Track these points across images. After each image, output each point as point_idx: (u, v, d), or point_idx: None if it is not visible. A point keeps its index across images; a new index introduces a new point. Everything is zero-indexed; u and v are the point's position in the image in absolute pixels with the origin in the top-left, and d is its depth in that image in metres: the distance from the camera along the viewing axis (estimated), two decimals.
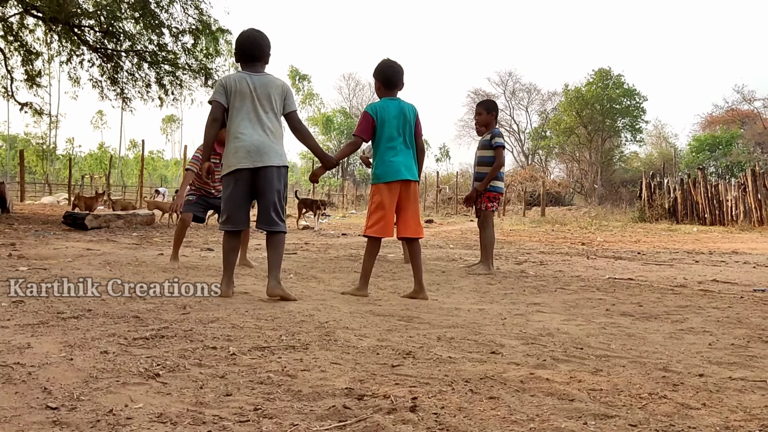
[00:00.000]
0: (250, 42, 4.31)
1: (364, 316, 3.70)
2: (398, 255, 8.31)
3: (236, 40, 4.38)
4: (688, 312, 4.29)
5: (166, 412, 1.85)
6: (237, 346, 2.75)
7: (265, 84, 4.24)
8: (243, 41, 4.32)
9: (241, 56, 4.33)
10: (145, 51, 16.70)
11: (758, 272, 7.45)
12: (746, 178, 22.21)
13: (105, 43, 16.68)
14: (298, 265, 6.68)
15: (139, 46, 16.72)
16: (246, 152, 4.16)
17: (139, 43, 16.69)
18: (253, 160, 4.15)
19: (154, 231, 11.70)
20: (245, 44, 4.31)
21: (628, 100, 44.77)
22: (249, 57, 4.31)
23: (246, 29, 4.39)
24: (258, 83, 4.22)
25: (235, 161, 4.19)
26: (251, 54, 4.31)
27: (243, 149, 4.16)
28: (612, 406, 2.08)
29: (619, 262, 8.45)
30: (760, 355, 2.98)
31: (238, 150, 4.18)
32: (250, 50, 4.30)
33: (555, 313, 4.11)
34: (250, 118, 4.21)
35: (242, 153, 4.16)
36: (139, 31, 16.54)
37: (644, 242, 13.43)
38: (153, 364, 2.36)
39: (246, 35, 4.34)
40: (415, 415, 1.91)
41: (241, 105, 4.22)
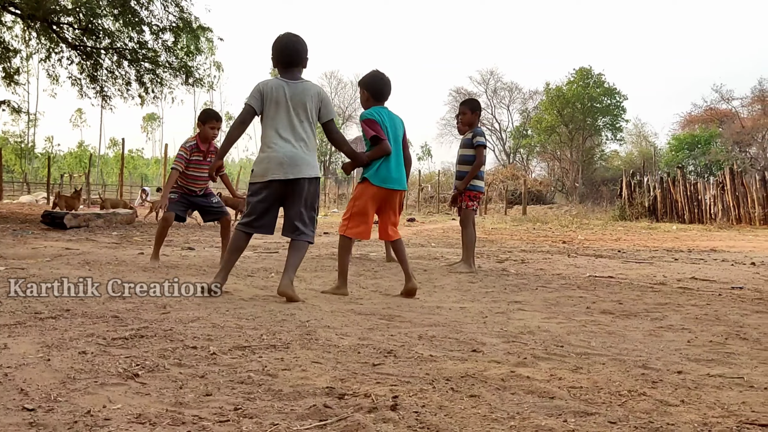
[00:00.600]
0: (287, 47, 4.28)
1: (346, 314, 3.69)
2: (380, 254, 8.30)
3: (273, 46, 4.33)
4: (667, 309, 4.32)
5: (145, 413, 1.83)
6: (217, 345, 2.73)
7: (301, 92, 4.22)
8: (281, 47, 4.29)
9: (279, 62, 4.30)
10: (124, 49, 16.55)
11: (736, 270, 7.53)
12: (724, 176, 22.50)
13: (84, 41, 16.52)
14: (279, 263, 6.65)
15: (118, 44, 16.56)
16: (278, 164, 4.13)
17: (119, 40, 16.54)
18: (285, 171, 4.14)
19: (135, 230, 11.61)
20: (283, 50, 4.28)
21: (609, 99, 45.10)
22: (287, 63, 4.28)
23: (282, 34, 4.36)
24: (294, 92, 4.20)
25: (266, 172, 4.17)
26: (289, 60, 4.28)
27: (275, 160, 4.14)
28: (592, 403, 2.09)
29: (599, 260, 8.51)
30: (738, 352, 3.01)
31: (271, 161, 4.16)
32: (288, 56, 4.27)
33: (536, 311, 4.12)
34: (284, 128, 4.18)
35: (275, 164, 4.14)
36: (118, 28, 16.40)
37: (624, 240, 13.54)
38: (132, 365, 2.34)
39: (284, 40, 4.30)
40: (395, 413, 1.91)
41: (276, 114, 4.19)
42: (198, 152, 6.24)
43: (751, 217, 21.25)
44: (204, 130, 6.25)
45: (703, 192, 23.24)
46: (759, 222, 20.95)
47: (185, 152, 6.18)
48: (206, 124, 6.25)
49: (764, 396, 2.23)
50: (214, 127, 6.30)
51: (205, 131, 6.25)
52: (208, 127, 6.25)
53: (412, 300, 4.47)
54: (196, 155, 6.23)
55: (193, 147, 6.23)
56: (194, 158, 6.23)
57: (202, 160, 6.29)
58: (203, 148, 6.26)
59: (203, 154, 6.28)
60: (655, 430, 1.85)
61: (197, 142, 6.26)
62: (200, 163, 6.27)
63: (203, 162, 6.29)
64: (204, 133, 6.26)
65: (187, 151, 6.19)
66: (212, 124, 6.27)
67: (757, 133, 40.16)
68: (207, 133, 6.26)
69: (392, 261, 6.97)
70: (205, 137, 6.28)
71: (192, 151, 6.22)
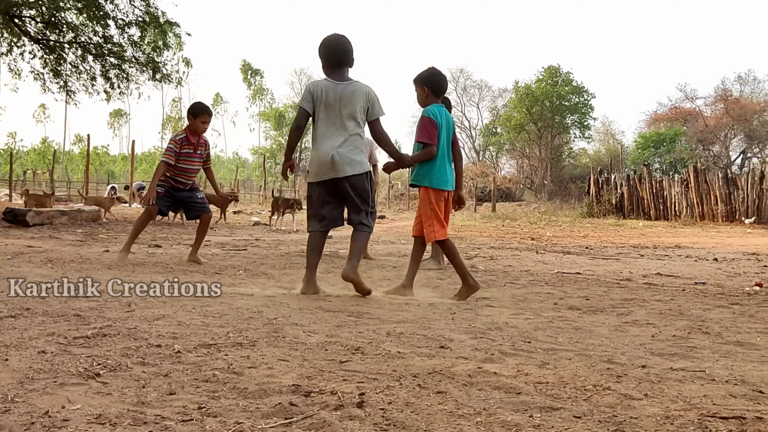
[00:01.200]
0: (337, 48, 4.36)
1: (314, 312, 3.67)
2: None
3: (322, 47, 4.40)
4: (633, 305, 4.38)
5: (106, 413, 1.79)
6: (182, 343, 2.69)
7: (351, 93, 4.31)
8: (330, 48, 4.37)
9: (328, 63, 4.38)
10: (89, 43, 16.27)
11: (699, 265, 7.66)
12: (689, 174, 22.90)
13: (47, 35, 16.20)
14: (248, 261, 6.60)
15: (83, 38, 16.27)
16: (330, 164, 4.29)
17: (83, 34, 16.25)
18: (335, 171, 4.30)
19: (100, 227, 11.43)
20: (333, 51, 4.36)
21: (577, 98, 45.53)
22: (336, 63, 4.36)
23: (330, 35, 4.42)
24: (344, 93, 4.29)
25: (318, 171, 4.36)
26: (338, 60, 4.36)
27: (326, 162, 4.29)
28: (557, 398, 2.11)
29: (567, 256, 8.59)
30: (700, 346, 3.06)
31: (322, 162, 4.32)
32: (337, 57, 4.35)
33: (504, 307, 4.14)
34: (334, 129, 4.31)
35: (326, 165, 4.30)
36: (82, 22, 16.11)
37: (592, 237, 13.70)
38: (93, 364, 2.29)
39: (332, 41, 4.38)
40: (362, 410, 1.89)
41: (326, 115, 4.31)
42: (188, 145, 6.22)
43: (714, 214, 21.67)
44: (195, 124, 6.24)
45: (668, 189, 23.63)
46: (721, 219, 21.37)
47: (175, 145, 6.15)
48: (197, 118, 6.23)
49: (725, 389, 2.26)
50: (205, 121, 6.30)
51: (196, 125, 6.24)
52: (199, 121, 6.24)
53: (381, 296, 4.46)
54: (186, 148, 6.21)
55: (183, 140, 6.20)
56: (184, 151, 6.21)
57: (192, 153, 6.27)
58: (193, 140, 6.25)
59: (193, 146, 6.26)
60: (619, 423, 1.86)
61: (187, 134, 6.23)
62: (190, 156, 6.26)
63: (193, 155, 6.27)
64: (195, 126, 6.25)
65: (178, 144, 6.16)
66: (203, 118, 6.27)
67: (719, 132, 40.93)
68: (198, 126, 6.25)
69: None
70: (195, 130, 6.27)
71: (182, 144, 6.19)
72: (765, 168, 22.08)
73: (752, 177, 21.50)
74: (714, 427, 1.85)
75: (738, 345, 3.12)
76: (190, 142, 6.20)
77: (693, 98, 43.25)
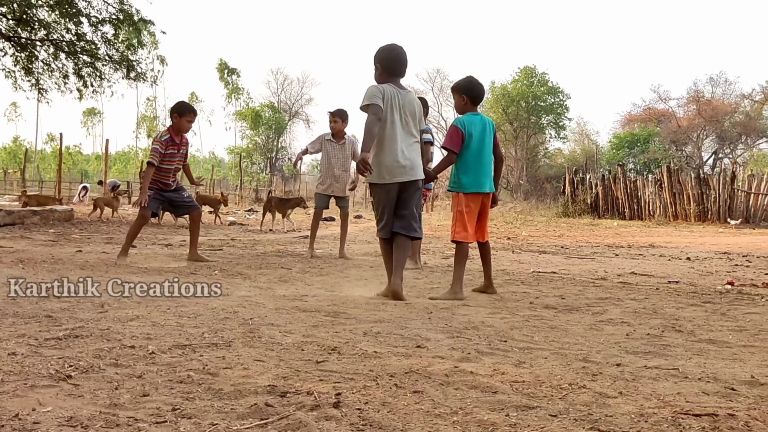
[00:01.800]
0: (399, 58, 4.57)
1: (290, 312, 3.65)
2: (326, 251, 8.26)
3: (385, 54, 4.56)
4: (608, 304, 4.42)
5: (77, 415, 1.76)
6: (157, 344, 2.66)
7: (410, 102, 4.57)
8: (393, 56, 4.56)
9: (389, 71, 4.56)
10: (61, 40, 16.02)
11: (672, 264, 7.76)
12: (662, 174, 23.16)
13: (18, 32, 15.92)
14: (224, 260, 6.55)
15: (55, 36, 16.02)
16: (401, 168, 4.46)
17: (56, 32, 15.99)
18: (405, 174, 4.47)
19: (73, 227, 11.27)
20: (395, 60, 4.56)
21: (552, 98, 45.81)
22: (397, 72, 4.58)
23: (392, 45, 4.60)
24: (405, 100, 4.54)
25: (388, 175, 4.47)
26: (399, 70, 4.59)
27: (398, 165, 4.45)
28: (533, 397, 2.11)
29: (543, 255, 8.65)
30: (674, 344, 3.09)
31: (393, 165, 4.46)
32: (399, 65, 4.57)
33: (480, 307, 4.16)
34: (400, 134, 4.49)
35: (398, 169, 4.46)
36: (55, 19, 15.85)
37: (567, 236, 13.80)
38: (65, 366, 2.25)
39: (396, 51, 4.57)
40: (338, 411, 1.88)
41: (393, 119, 4.47)
42: (173, 145, 6.22)
43: (687, 214, 21.94)
44: (180, 123, 6.23)
45: (642, 189, 23.87)
46: (694, 218, 21.64)
47: (160, 146, 6.13)
48: (183, 117, 6.23)
49: (698, 386, 2.28)
50: (191, 120, 6.30)
51: (182, 124, 6.23)
52: (185, 120, 6.24)
53: (358, 296, 4.45)
54: (170, 148, 6.20)
55: (168, 140, 6.19)
56: (169, 151, 6.20)
57: (176, 153, 6.27)
58: (177, 140, 6.25)
59: (177, 146, 6.27)
60: (594, 422, 1.87)
61: (171, 135, 6.23)
62: (174, 156, 6.27)
63: (177, 154, 6.28)
64: (180, 125, 6.24)
65: (163, 145, 6.14)
66: (190, 117, 6.27)
67: (692, 133, 41.42)
68: (183, 125, 6.25)
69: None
70: (179, 129, 6.27)
71: (167, 144, 6.18)
72: (736, 168, 22.41)
73: (724, 177, 21.79)
74: (687, 424, 1.87)
75: (710, 343, 3.16)
76: (174, 143, 6.22)
77: (666, 99, 43.75)
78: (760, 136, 41.06)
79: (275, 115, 55.67)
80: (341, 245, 7.54)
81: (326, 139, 7.49)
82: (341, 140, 7.46)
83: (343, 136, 7.48)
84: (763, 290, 5.42)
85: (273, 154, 55.55)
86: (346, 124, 7.47)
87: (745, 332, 3.46)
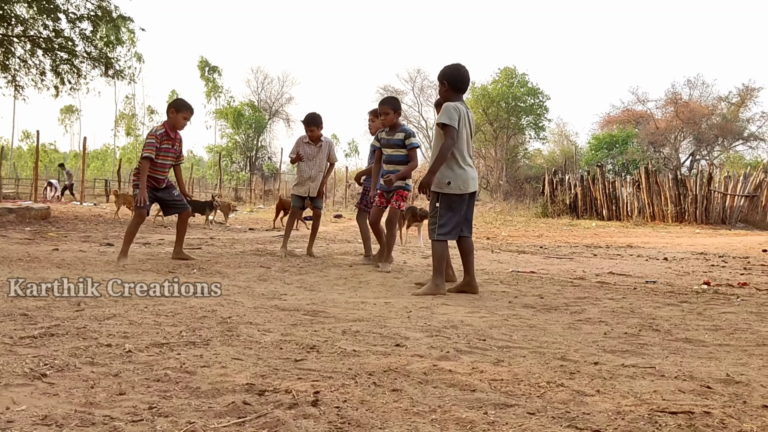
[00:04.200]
0: (465, 78, 4.95)
1: (269, 310, 3.63)
2: (304, 249, 8.23)
3: (453, 73, 4.89)
4: (586, 303, 4.45)
5: (52, 414, 1.74)
6: (134, 343, 2.63)
7: (472, 117, 5.00)
8: (461, 75, 4.92)
9: (457, 87, 4.92)
10: (39, 37, 15.83)
11: (650, 264, 7.83)
12: (640, 175, 23.39)
13: None
14: (203, 259, 6.51)
15: (32, 32, 15.83)
16: (472, 178, 4.89)
17: (33, 28, 15.80)
18: (475, 185, 4.93)
19: (50, 225, 11.15)
20: (463, 78, 4.94)
21: (532, 99, 46.05)
22: (462, 89, 4.96)
23: (457, 64, 4.94)
24: (471, 116, 4.96)
25: (465, 185, 4.83)
26: (465, 87, 4.99)
27: (471, 177, 4.87)
28: (512, 395, 2.12)
29: (522, 255, 8.69)
30: (650, 343, 3.12)
31: (468, 177, 4.84)
32: (464, 83, 4.96)
33: (459, 306, 4.17)
34: (469, 147, 4.93)
35: (471, 180, 4.87)
36: (32, 15, 15.66)
37: (546, 237, 13.88)
38: (40, 364, 2.22)
39: (462, 70, 4.92)
40: (316, 409, 1.88)
41: (464, 134, 4.84)
42: (168, 140, 6.20)
43: (665, 214, 22.18)
44: (176, 119, 6.21)
45: (620, 190, 24.09)
46: (671, 219, 21.88)
47: (156, 140, 6.10)
48: (180, 113, 6.22)
49: (674, 384, 2.31)
50: (187, 117, 6.30)
51: (177, 120, 6.22)
52: (182, 117, 6.23)
53: (338, 295, 4.44)
54: (165, 143, 6.18)
55: (163, 135, 6.16)
56: (164, 146, 6.18)
57: (170, 148, 6.26)
58: (172, 135, 6.21)
59: (172, 141, 6.24)
60: (572, 419, 1.89)
61: (166, 129, 6.19)
62: (168, 151, 6.25)
63: (171, 150, 6.26)
64: (176, 121, 6.22)
65: (158, 139, 6.11)
66: (187, 114, 6.27)
67: (669, 134, 41.85)
68: (180, 122, 6.24)
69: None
70: (174, 125, 6.24)
71: (162, 138, 6.14)
72: (713, 170, 22.69)
73: (701, 179, 22.06)
74: (663, 421, 1.88)
75: (687, 342, 3.19)
76: (169, 137, 6.20)
77: (644, 101, 44.17)
78: (737, 138, 41.59)
79: (255, 114, 55.40)
80: (310, 242, 7.70)
81: (304, 141, 7.52)
82: (318, 142, 7.49)
83: (320, 139, 7.51)
84: (738, 290, 5.49)
85: (253, 153, 55.27)
86: (322, 128, 7.52)
87: (721, 331, 3.50)
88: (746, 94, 40.95)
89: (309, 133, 7.41)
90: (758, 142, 41.39)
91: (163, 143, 6.13)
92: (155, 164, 6.13)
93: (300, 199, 7.62)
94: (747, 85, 41.22)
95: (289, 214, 7.94)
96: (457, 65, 4.93)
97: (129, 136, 66.37)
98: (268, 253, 7.59)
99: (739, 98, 41.29)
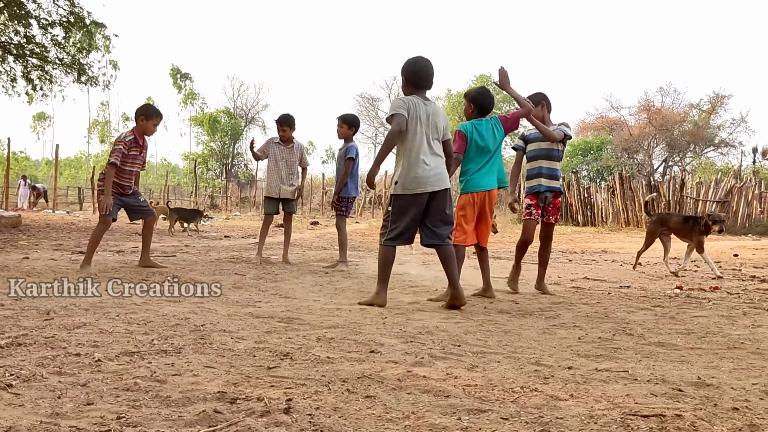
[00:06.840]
0: (425, 71, 4.57)
1: (243, 318, 3.60)
2: (280, 257, 8.18)
3: (411, 67, 4.57)
4: (561, 308, 4.47)
5: (17, 425, 1.70)
6: (103, 352, 2.59)
7: (434, 113, 4.55)
8: (419, 69, 4.56)
9: (416, 83, 4.56)
10: (9, 43, 15.62)
11: (624, 270, 7.90)
12: (615, 181, 23.63)
13: None
14: (177, 267, 6.44)
15: (3, 38, 15.61)
16: (427, 178, 4.39)
17: (3, 34, 15.59)
18: (432, 184, 4.41)
19: (20, 234, 10.97)
20: (421, 72, 4.56)
21: (508, 106, 46.32)
22: (423, 84, 4.58)
23: (419, 57, 4.61)
24: (429, 112, 4.50)
25: (415, 185, 4.41)
26: (425, 82, 4.58)
27: (424, 176, 4.39)
28: (486, 400, 2.12)
29: (498, 261, 8.73)
30: (624, 347, 3.14)
31: (421, 176, 4.40)
32: (425, 78, 4.57)
33: (435, 312, 4.16)
34: (426, 145, 4.46)
35: (423, 179, 4.39)
36: (3, 21, 15.46)
37: None
38: (5, 374, 2.18)
39: (422, 63, 4.57)
40: (288, 416, 1.86)
41: (417, 130, 4.44)
42: (136, 147, 6.12)
43: (639, 220, 22.39)
44: (146, 126, 6.12)
45: (595, 196, 24.31)
46: (645, 224, 22.10)
47: (124, 146, 6.01)
48: (150, 120, 6.13)
49: (647, 388, 2.32)
50: (157, 123, 6.21)
51: (147, 127, 6.13)
52: (152, 123, 6.15)
53: (312, 302, 4.41)
54: (134, 150, 6.10)
55: (131, 141, 6.07)
56: (132, 153, 6.10)
57: (138, 155, 6.18)
58: (141, 142, 6.14)
59: (140, 148, 6.17)
60: (545, 424, 1.89)
61: (135, 136, 6.11)
62: (136, 158, 6.17)
63: (138, 157, 6.18)
64: (145, 128, 6.13)
65: (126, 146, 6.02)
66: (156, 120, 6.18)
67: (643, 141, 42.37)
68: (149, 129, 6.16)
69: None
70: (144, 132, 6.16)
71: (131, 145, 6.06)
72: (685, 176, 22.99)
73: (673, 184, 22.33)
74: (636, 425, 1.89)
75: (659, 346, 3.22)
76: (137, 144, 6.13)
77: (618, 108, 44.68)
78: (708, 145, 42.23)
79: (231, 121, 55.13)
80: (285, 250, 7.56)
81: (274, 142, 7.50)
82: (290, 144, 7.48)
83: (291, 140, 7.50)
84: (710, 294, 5.55)
85: (229, 160, 54.97)
86: (294, 129, 7.53)
87: (693, 335, 3.54)
88: (717, 101, 41.59)
89: (281, 133, 7.43)
90: (729, 148, 42.05)
91: (132, 150, 6.06)
92: (122, 171, 6.05)
93: (273, 204, 7.58)
94: (717, 93, 41.91)
95: (263, 221, 7.84)
96: (415, 58, 4.59)
97: (103, 143, 65.62)
98: (244, 260, 7.53)
99: (710, 105, 41.92)
